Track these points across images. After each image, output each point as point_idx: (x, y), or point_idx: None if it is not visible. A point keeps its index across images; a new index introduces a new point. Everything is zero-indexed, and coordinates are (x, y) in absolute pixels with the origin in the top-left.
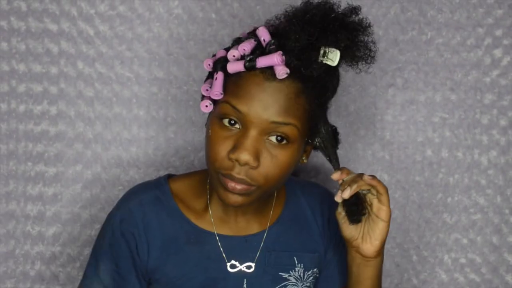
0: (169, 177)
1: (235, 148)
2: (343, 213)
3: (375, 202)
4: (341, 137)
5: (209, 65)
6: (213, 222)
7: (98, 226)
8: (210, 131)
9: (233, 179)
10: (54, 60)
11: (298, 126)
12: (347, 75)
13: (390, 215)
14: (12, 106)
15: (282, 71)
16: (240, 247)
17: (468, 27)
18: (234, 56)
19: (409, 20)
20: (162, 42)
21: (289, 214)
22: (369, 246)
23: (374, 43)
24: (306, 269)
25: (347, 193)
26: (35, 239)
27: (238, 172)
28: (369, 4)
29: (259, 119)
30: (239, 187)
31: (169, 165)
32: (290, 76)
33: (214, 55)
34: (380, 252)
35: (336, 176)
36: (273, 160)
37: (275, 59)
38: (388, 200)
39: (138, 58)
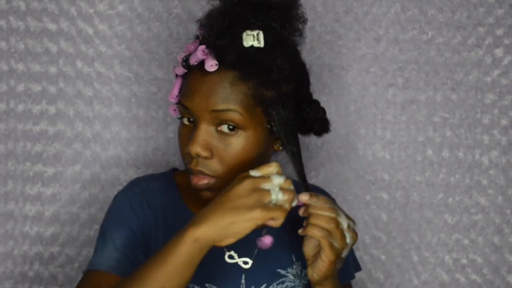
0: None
1: (188, 142)
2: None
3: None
4: (342, 137)
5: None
6: None
7: (97, 227)
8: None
9: (193, 173)
10: (53, 59)
11: (239, 111)
12: (348, 75)
13: (330, 260)
14: (10, 106)
15: (209, 64)
16: (240, 240)
17: (469, 27)
18: (183, 58)
19: (409, 20)
20: (162, 41)
21: (289, 213)
22: (310, 273)
23: (301, 17)
24: (303, 267)
25: (307, 231)
26: (33, 240)
27: (195, 164)
28: (369, 3)
29: (202, 111)
30: (200, 182)
31: (169, 165)
32: (223, 66)
33: None
34: (322, 283)
35: (303, 198)
36: (227, 149)
37: (197, 54)
38: (330, 247)
39: (138, 57)
